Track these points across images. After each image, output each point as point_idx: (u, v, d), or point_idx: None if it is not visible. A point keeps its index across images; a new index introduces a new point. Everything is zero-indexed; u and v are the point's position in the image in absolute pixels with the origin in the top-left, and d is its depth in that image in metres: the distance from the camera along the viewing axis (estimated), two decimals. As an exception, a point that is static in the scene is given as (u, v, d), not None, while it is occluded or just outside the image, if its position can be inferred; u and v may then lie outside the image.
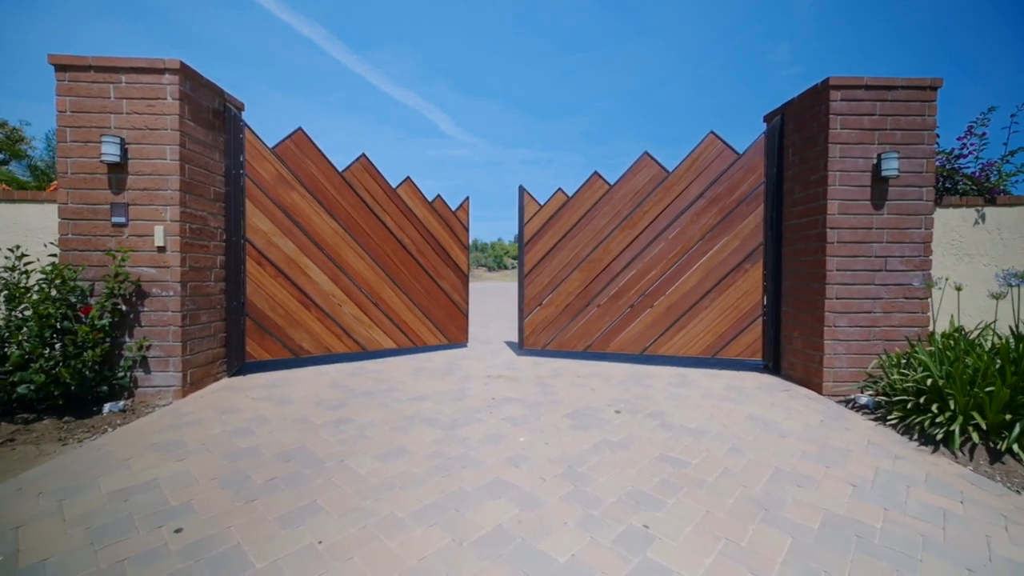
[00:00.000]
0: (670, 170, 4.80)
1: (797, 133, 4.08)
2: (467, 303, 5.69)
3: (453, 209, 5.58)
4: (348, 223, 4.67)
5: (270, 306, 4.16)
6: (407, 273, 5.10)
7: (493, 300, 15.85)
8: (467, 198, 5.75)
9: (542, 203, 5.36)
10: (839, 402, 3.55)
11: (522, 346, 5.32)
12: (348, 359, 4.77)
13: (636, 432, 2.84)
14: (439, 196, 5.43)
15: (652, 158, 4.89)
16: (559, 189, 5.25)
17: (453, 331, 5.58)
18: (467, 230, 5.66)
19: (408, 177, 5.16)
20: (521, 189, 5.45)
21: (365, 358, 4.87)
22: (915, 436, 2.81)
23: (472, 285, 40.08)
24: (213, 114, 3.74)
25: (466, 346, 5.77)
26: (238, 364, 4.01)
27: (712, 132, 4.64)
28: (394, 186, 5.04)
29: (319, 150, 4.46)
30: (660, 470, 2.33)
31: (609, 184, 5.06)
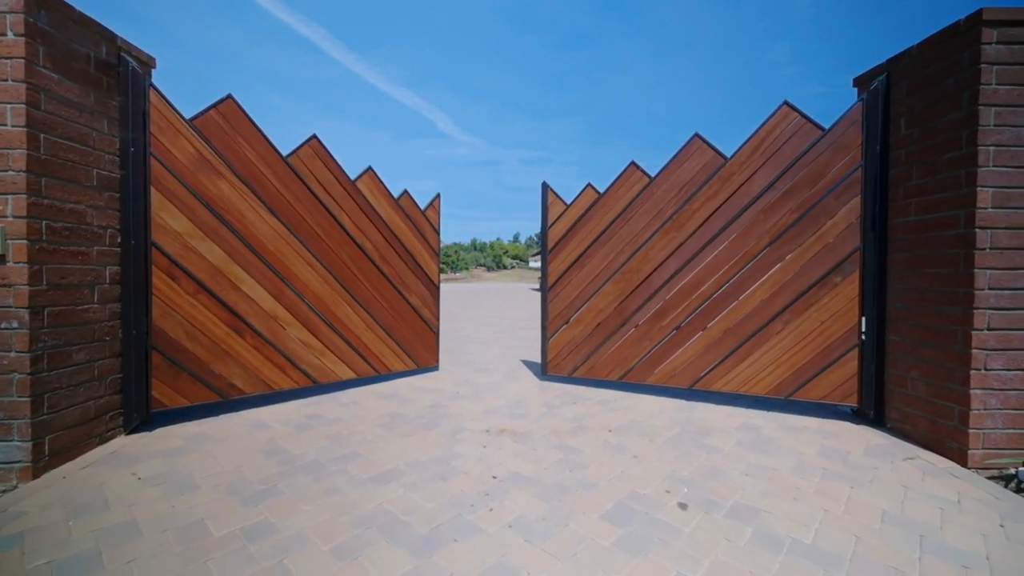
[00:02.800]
0: (728, 156, 3.82)
1: (915, 96, 3.07)
2: (438, 319, 4.82)
3: (422, 208, 4.67)
4: (295, 223, 3.68)
5: (187, 334, 3.16)
6: (368, 285, 4.17)
7: (492, 304, 14.79)
8: (438, 195, 4.85)
9: (569, 202, 4.50)
10: (993, 478, 2.54)
11: (545, 371, 4.56)
12: (296, 396, 3.81)
13: (724, 555, 1.82)
14: (406, 192, 4.54)
15: (704, 141, 3.91)
16: (588, 185, 4.30)
17: (422, 353, 4.70)
18: (438, 233, 4.80)
19: (369, 167, 4.21)
20: (545, 187, 4.53)
21: (318, 393, 3.95)
22: None
23: (471, 285, 39.08)
24: (97, 66, 2.75)
25: (437, 369, 4.93)
26: (140, 416, 3.00)
27: (786, 103, 3.64)
28: (353, 178, 4.07)
29: (256, 127, 3.47)
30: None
31: (649, 176, 4.09)
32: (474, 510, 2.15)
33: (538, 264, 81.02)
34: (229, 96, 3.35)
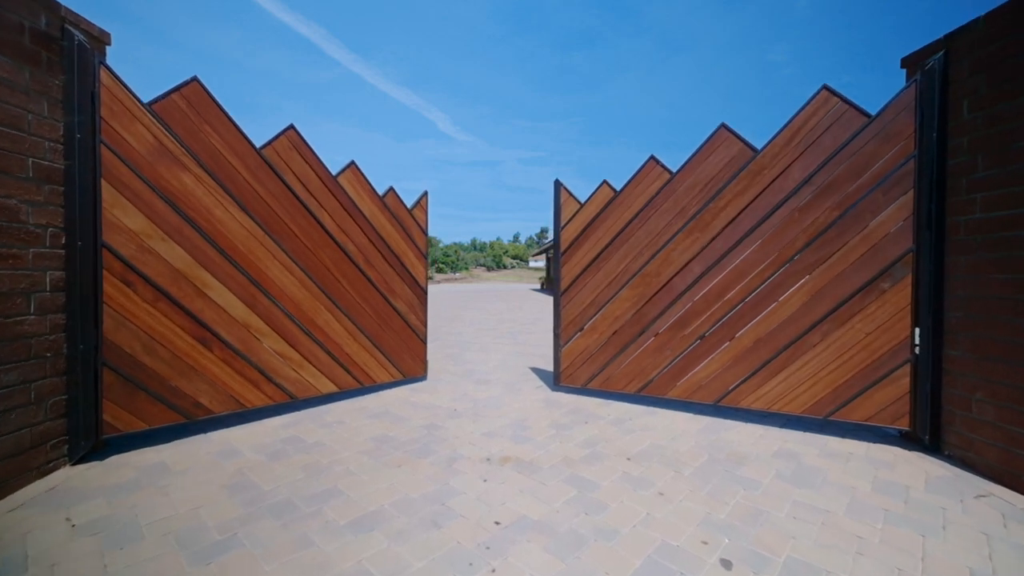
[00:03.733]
0: (758, 148, 3.46)
1: (980, 76, 2.70)
2: (426, 326, 4.58)
3: (409, 206, 4.36)
4: (270, 222, 3.33)
5: (145, 347, 2.79)
6: (352, 290, 3.84)
7: (492, 306, 14.40)
8: (425, 193, 4.53)
9: (583, 201, 4.19)
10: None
11: (557, 381, 4.33)
12: (275, 413, 3.47)
13: (792, 644, 1.45)
14: (392, 189, 4.21)
15: (732, 132, 3.55)
16: (604, 182, 3.97)
17: (409, 363, 4.39)
18: (425, 233, 4.48)
19: (352, 162, 3.86)
20: (558, 185, 4.22)
21: (299, 409, 3.62)
22: None
23: (471, 286, 38.60)
24: (34, 38, 2.39)
25: (425, 379, 4.64)
26: (89, 443, 2.64)
27: (826, 87, 3.28)
28: (334, 173, 3.74)
29: (226, 114, 3.12)
30: None
31: (670, 172, 3.74)
32: (473, 570, 1.78)
33: (538, 264, 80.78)
34: (194, 78, 2.99)
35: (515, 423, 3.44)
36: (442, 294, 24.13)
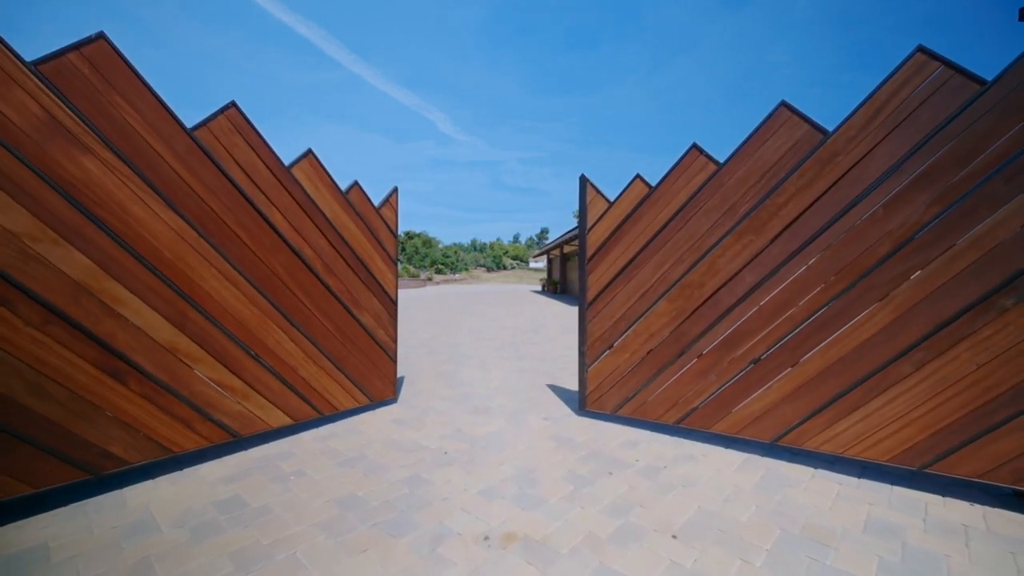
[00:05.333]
0: (829, 130, 2.78)
1: None
2: (396, 342, 4.01)
3: (376, 205, 3.75)
4: (205, 221, 2.67)
5: (28, 386, 2.12)
6: (309, 303, 3.23)
7: (491, 311, 13.70)
8: (394, 189, 3.93)
9: (612, 199, 3.57)
10: None
11: (583, 406, 3.79)
12: (217, 455, 2.82)
13: None
14: (356, 184, 3.59)
15: (794, 111, 2.91)
16: (637, 176, 3.35)
17: (377, 385, 3.80)
18: (395, 235, 3.87)
19: (309, 150, 3.23)
20: (584, 181, 3.62)
21: (251, 447, 2.97)
22: None
23: (470, 287, 37.85)
24: None
25: (395, 401, 4.14)
26: (-54, 518, 1.95)
27: (921, 48, 2.59)
28: (287, 164, 3.11)
29: (145, 84, 2.47)
30: None
31: (717, 163, 3.08)
32: None
33: (538, 265, 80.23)
34: (100, 34, 2.32)
35: (521, 473, 2.76)
36: (440, 296, 23.48)
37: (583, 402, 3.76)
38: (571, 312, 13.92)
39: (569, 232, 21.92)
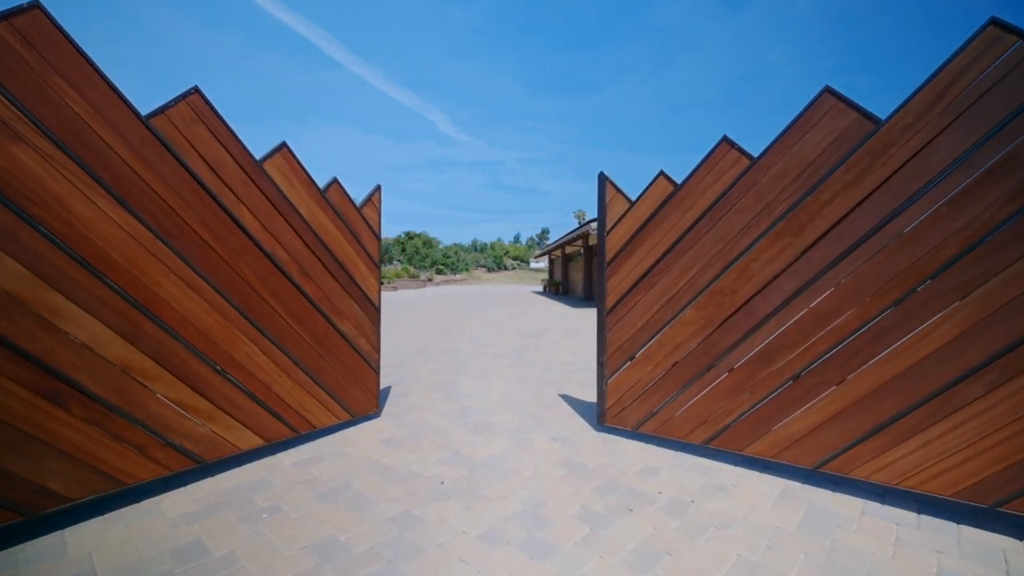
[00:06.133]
0: (882, 119, 2.45)
1: None
2: (379, 352, 3.73)
3: (358, 204, 3.45)
4: (164, 221, 2.35)
5: (-61, 418, 1.77)
6: (283, 311, 2.91)
7: (492, 312, 13.36)
8: (378, 188, 3.64)
9: (634, 198, 3.26)
10: None
11: (602, 421, 3.51)
12: (178, 485, 2.47)
13: None
14: (336, 181, 3.28)
15: (840, 98, 2.58)
16: (661, 174, 3.04)
17: (359, 398, 3.55)
18: (378, 237, 3.58)
19: (283, 143, 2.93)
20: (602, 179, 3.32)
21: (210, 474, 2.63)
22: None
23: (471, 287, 37.52)
24: None
25: (377, 415, 3.81)
26: None
27: (994, 20, 2.27)
28: (259, 158, 2.79)
29: (89, 62, 2.13)
30: None
31: (750, 158, 2.75)
32: None
33: (539, 265, 79.94)
34: (35, 4, 1.97)
35: (528, 509, 2.41)
36: (440, 297, 23.15)
37: (602, 417, 3.47)
38: (574, 314, 13.60)
39: (571, 233, 21.59)
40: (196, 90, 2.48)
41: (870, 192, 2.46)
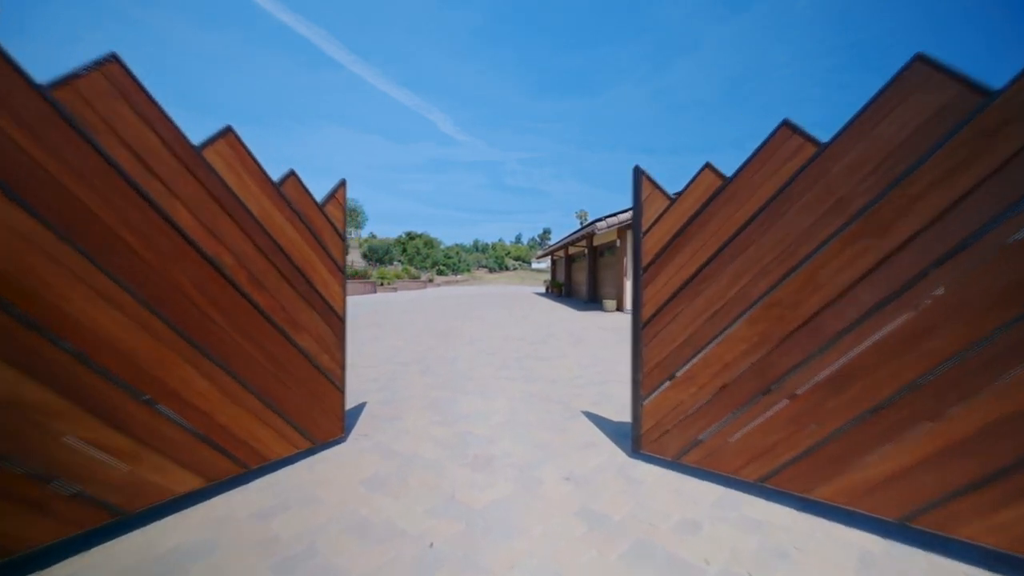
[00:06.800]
0: (994, 90, 1.95)
1: None
2: (344, 368, 3.26)
3: (319, 201, 2.99)
4: (70, 219, 1.87)
5: None
6: (228, 326, 2.43)
7: (493, 315, 12.84)
8: (342, 182, 3.16)
9: (673, 195, 2.89)
10: None
11: (637, 447, 3.10)
12: (98, 543, 1.98)
13: None
14: (292, 174, 2.80)
15: (937, 66, 2.06)
16: (707, 166, 2.61)
17: (321, 422, 3.12)
18: (343, 238, 3.10)
19: (228, 127, 2.43)
20: (638, 173, 2.90)
21: (139, 526, 2.12)
22: None
23: (471, 288, 36.89)
24: None
25: (344, 440, 3.36)
26: None
27: None
28: (197, 144, 2.29)
29: None
30: None
31: (818, 144, 2.24)
32: None
33: (541, 266, 79.35)
34: None
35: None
36: (440, 298, 22.66)
37: (637, 443, 3.01)
38: (580, 318, 13.07)
39: (574, 233, 21.12)
40: (115, 57, 1.97)
41: (980, 180, 1.94)
